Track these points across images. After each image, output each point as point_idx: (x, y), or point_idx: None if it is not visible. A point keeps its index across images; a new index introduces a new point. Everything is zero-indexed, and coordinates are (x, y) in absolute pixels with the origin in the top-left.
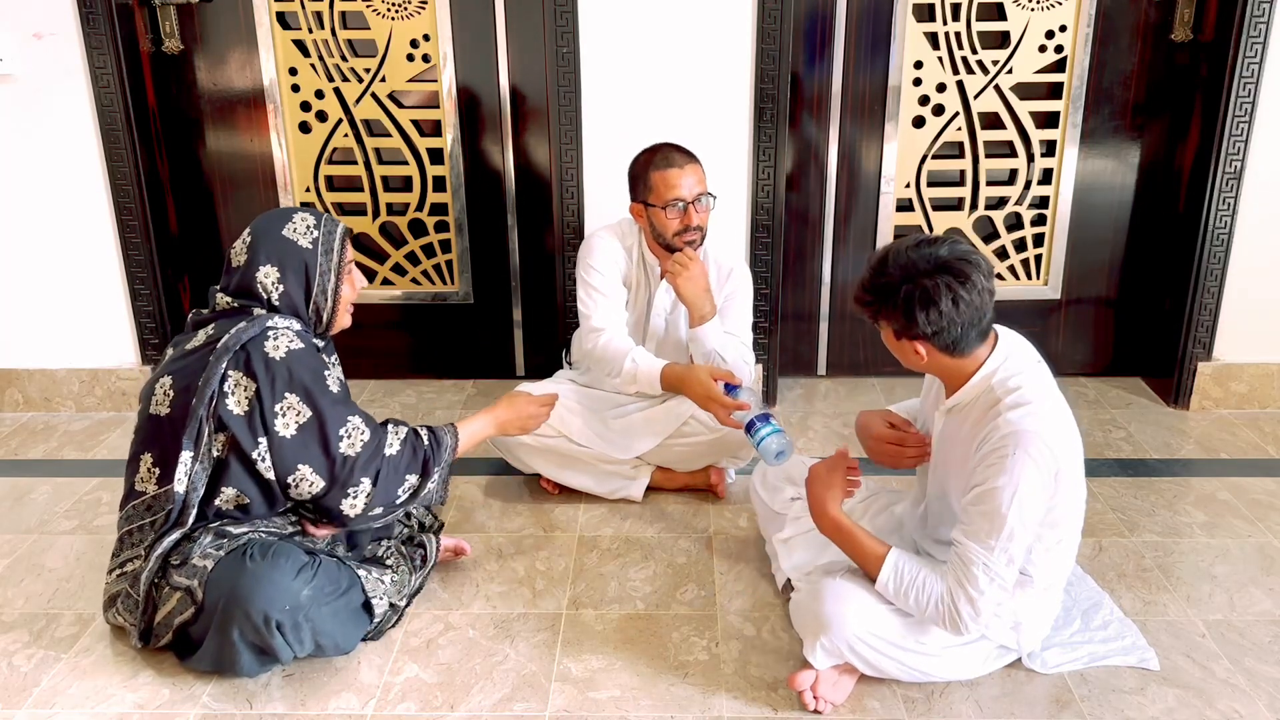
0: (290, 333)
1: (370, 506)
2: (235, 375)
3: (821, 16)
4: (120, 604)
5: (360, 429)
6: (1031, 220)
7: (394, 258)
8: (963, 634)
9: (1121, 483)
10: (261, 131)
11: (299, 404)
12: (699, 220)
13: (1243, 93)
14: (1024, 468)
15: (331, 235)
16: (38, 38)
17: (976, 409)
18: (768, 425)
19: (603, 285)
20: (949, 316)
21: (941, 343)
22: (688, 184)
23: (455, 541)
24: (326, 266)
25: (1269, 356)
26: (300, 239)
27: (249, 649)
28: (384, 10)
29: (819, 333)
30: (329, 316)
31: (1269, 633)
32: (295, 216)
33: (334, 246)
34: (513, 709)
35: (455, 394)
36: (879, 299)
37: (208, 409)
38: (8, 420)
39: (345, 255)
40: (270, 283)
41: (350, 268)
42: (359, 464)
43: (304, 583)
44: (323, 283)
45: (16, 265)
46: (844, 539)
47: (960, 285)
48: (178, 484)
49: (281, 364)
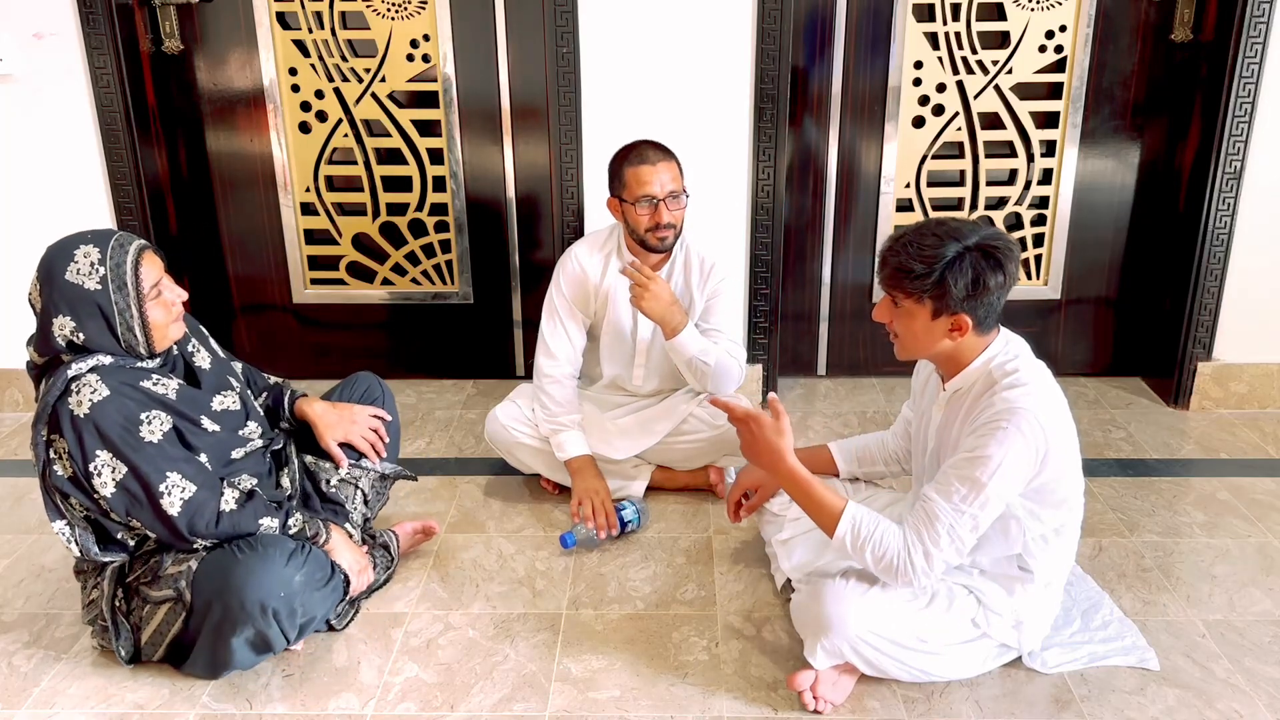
0: (93, 380)
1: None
2: (54, 438)
3: (821, 16)
4: (97, 633)
5: (180, 485)
6: (1031, 220)
7: (394, 258)
8: (910, 585)
9: (1121, 483)
10: (261, 131)
11: (111, 460)
12: (670, 218)
13: (1243, 93)
14: (1014, 442)
15: (121, 267)
16: (38, 38)
17: (974, 393)
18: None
19: (564, 312)
20: (1011, 279)
21: (982, 315)
22: (659, 180)
23: (422, 523)
24: (124, 303)
25: (1269, 356)
26: (86, 281)
27: (244, 643)
28: (384, 10)
29: (819, 333)
30: (146, 345)
31: (1269, 633)
32: (77, 254)
33: (125, 280)
34: (513, 709)
35: (455, 394)
36: (943, 266)
37: (44, 480)
38: (8, 420)
39: (144, 282)
40: (67, 332)
41: (157, 290)
42: (189, 522)
43: (295, 569)
44: (125, 320)
45: (16, 265)
46: (802, 490)
47: (1013, 249)
48: (71, 552)
49: (86, 420)
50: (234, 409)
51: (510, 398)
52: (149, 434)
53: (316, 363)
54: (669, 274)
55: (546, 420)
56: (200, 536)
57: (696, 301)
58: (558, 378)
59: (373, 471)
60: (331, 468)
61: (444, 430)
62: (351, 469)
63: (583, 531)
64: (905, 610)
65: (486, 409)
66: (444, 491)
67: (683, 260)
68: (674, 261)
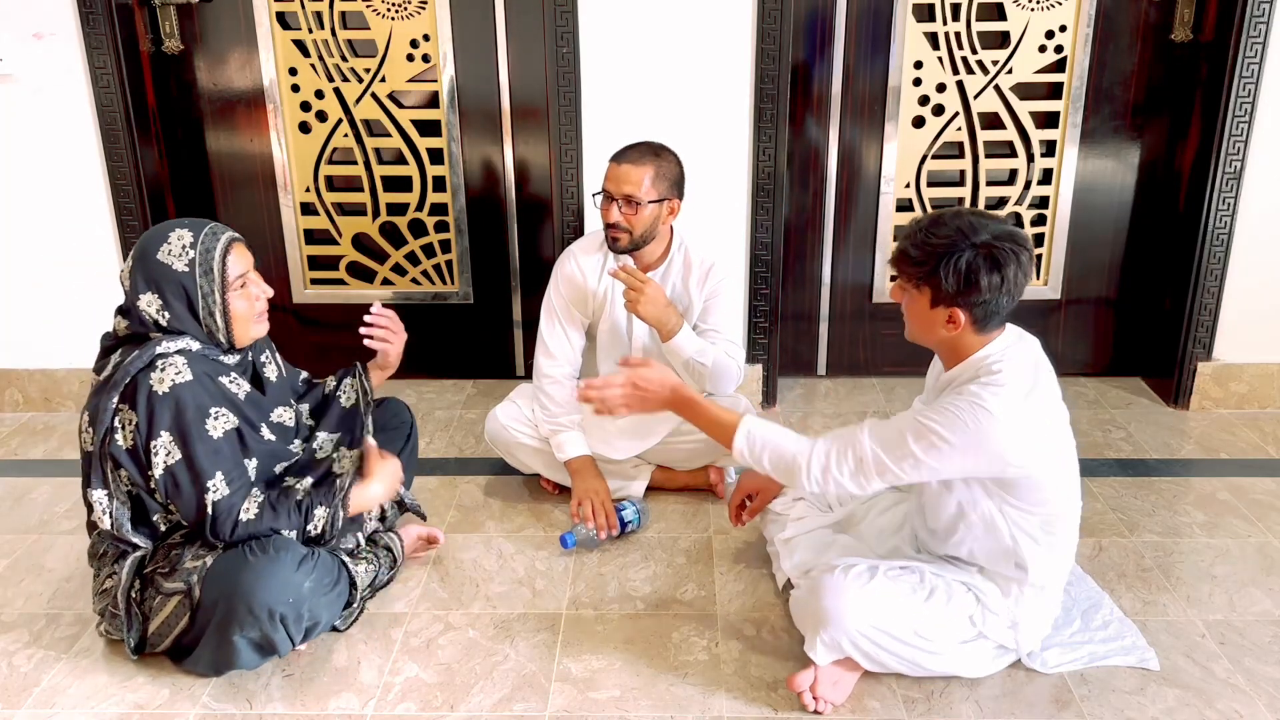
0: (180, 362)
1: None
2: (123, 409)
3: (821, 16)
4: (107, 620)
5: (218, 488)
6: (1031, 220)
7: (394, 258)
8: (796, 486)
9: (1121, 483)
10: (261, 131)
11: (170, 443)
12: (617, 218)
13: (1243, 93)
14: (962, 430)
15: (210, 253)
16: (38, 38)
17: (957, 383)
18: (628, 509)
19: (563, 312)
20: (1008, 284)
21: (980, 314)
22: (619, 177)
23: (427, 530)
24: (209, 287)
25: (1269, 356)
26: (175, 262)
27: (249, 644)
28: (384, 10)
29: (819, 333)
30: (226, 335)
31: (1269, 633)
32: (171, 236)
33: (213, 265)
34: (513, 709)
35: (455, 394)
36: (937, 258)
37: (101, 447)
38: (8, 420)
39: (230, 271)
40: (154, 310)
41: (243, 281)
42: (214, 522)
43: (305, 575)
44: (207, 305)
45: (16, 265)
46: (695, 409)
47: (1022, 254)
48: (101, 522)
49: (164, 399)
50: (289, 424)
51: (510, 398)
52: (213, 428)
53: (316, 363)
54: (665, 274)
55: (546, 420)
56: (218, 537)
57: (695, 302)
58: (557, 378)
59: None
60: None
61: (444, 430)
62: None
63: (583, 532)
64: (904, 603)
65: (486, 409)
66: (444, 491)
67: (681, 261)
68: (670, 262)
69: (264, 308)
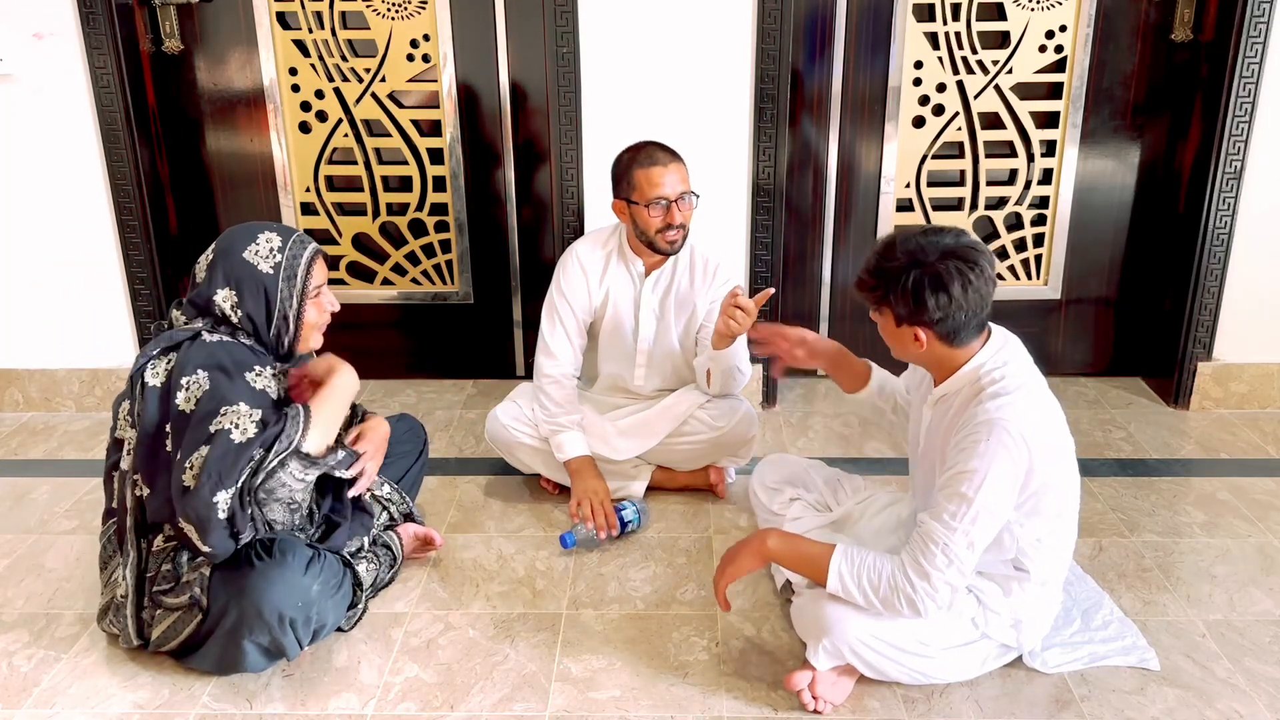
0: (229, 340)
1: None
2: (163, 356)
3: (821, 16)
4: (112, 616)
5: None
6: (1031, 220)
7: (394, 258)
8: (922, 615)
9: (1121, 483)
10: (261, 131)
11: (204, 379)
12: (682, 218)
13: (1243, 93)
14: (995, 455)
15: (296, 260)
16: (38, 38)
17: (960, 399)
18: (628, 509)
19: (565, 312)
20: (957, 302)
21: (943, 330)
22: (671, 182)
23: (424, 531)
24: (289, 292)
25: (1269, 356)
26: (261, 263)
27: (257, 649)
28: (384, 10)
29: (819, 333)
30: (290, 341)
31: (1269, 633)
32: (260, 237)
33: (297, 272)
34: (513, 709)
35: (455, 394)
36: (886, 282)
37: (133, 387)
38: (8, 420)
39: (312, 280)
40: (228, 306)
41: (319, 292)
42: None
43: (313, 578)
44: (283, 309)
45: (17, 265)
46: (790, 550)
47: (970, 271)
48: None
49: (204, 345)
50: None
51: (510, 397)
52: (252, 380)
53: None
54: (673, 273)
55: (546, 420)
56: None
57: (699, 303)
58: (557, 378)
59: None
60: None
61: (444, 430)
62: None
63: (583, 532)
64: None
65: (486, 409)
66: (444, 491)
67: (687, 259)
68: (678, 260)
69: (328, 320)
